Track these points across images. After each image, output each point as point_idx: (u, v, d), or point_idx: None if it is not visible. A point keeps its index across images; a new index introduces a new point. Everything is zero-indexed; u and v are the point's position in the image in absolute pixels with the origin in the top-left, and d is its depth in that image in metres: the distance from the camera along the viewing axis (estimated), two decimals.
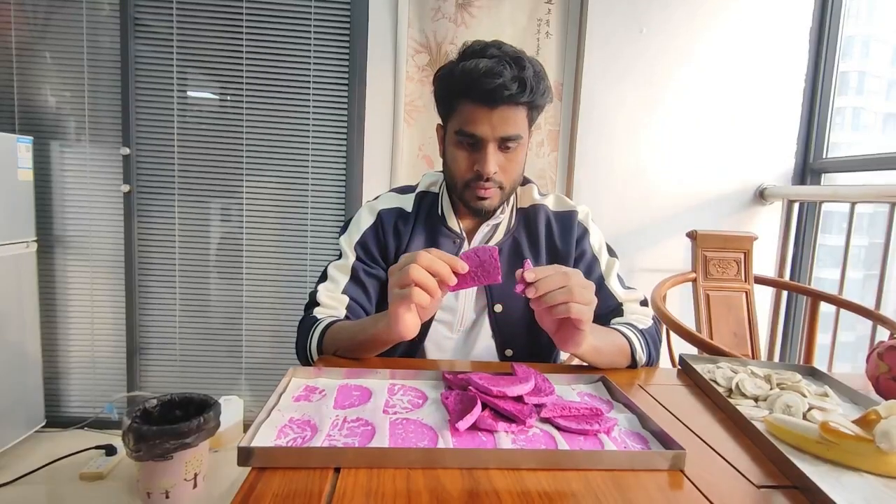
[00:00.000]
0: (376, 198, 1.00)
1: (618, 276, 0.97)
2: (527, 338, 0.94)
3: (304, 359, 0.85)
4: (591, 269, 0.96)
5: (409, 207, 0.97)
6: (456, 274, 0.67)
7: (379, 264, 0.95)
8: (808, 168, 2.10)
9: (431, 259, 0.66)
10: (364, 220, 0.96)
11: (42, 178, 2.01)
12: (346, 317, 0.90)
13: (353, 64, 2.02)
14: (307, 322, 0.87)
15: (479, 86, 0.79)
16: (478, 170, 0.84)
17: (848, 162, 2.00)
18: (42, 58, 1.99)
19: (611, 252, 1.00)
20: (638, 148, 2.04)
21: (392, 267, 0.71)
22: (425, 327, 0.92)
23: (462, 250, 0.93)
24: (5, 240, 1.83)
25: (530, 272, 0.67)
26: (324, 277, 0.94)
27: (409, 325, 0.70)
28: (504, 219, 0.95)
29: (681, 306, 1.90)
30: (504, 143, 0.84)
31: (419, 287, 0.66)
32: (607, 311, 0.92)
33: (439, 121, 0.93)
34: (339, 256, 0.96)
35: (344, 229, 0.99)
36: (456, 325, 0.94)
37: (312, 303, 0.90)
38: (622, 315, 0.92)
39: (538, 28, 2.00)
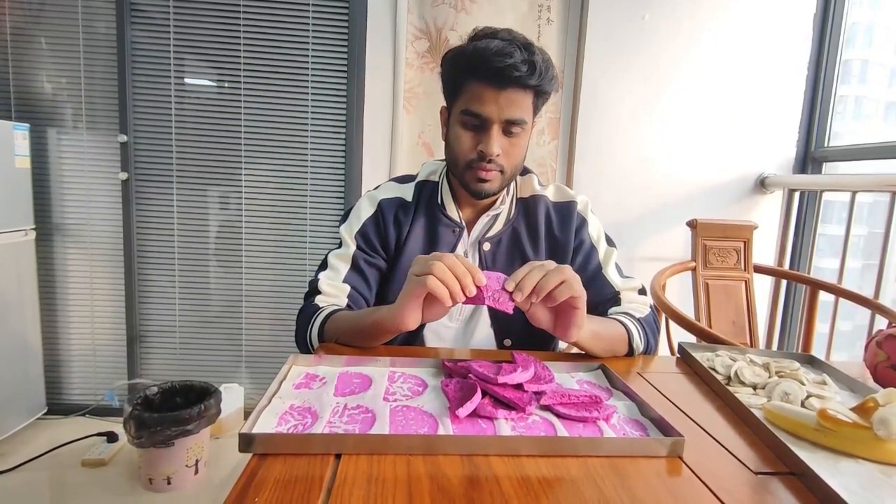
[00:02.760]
0: (376, 187, 1.00)
1: (616, 265, 0.97)
2: (525, 327, 0.93)
3: (305, 346, 0.85)
4: (589, 258, 0.96)
5: (409, 197, 0.96)
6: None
7: (379, 254, 0.95)
8: (810, 157, 2.09)
9: (455, 262, 0.67)
10: (364, 210, 0.96)
11: (39, 165, 2.00)
12: (348, 306, 0.90)
13: (351, 50, 2.00)
14: (308, 310, 0.87)
15: (490, 64, 0.79)
16: (481, 150, 0.84)
17: (849, 151, 1.99)
18: (37, 43, 1.96)
19: (609, 241, 1.00)
20: (639, 136, 2.03)
21: (419, 256, 0.71)
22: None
23: (461, 240, 0.94)
24: (3, 228, 1.83)
25: (509, 281, 0.68)
26: (324, 266, 0.94)
27: (413, 315, 0.72)
28: (504, 209, 0.95)
29: (680, 295, 1.90)
30: (509, 127, 0.84)
31: (440, 281, 0.66)
32: (604, 300, 0.92)
33: (441, 106, 0.93)
34: (340, 246, 0.96)
35: (344, 219, 0.98)
36: (455, 314, 0.94)
37: (313, 291, 0.90)
38: (619, 304, 0.92)
39: (539, 14, 1.98)
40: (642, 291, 0.96)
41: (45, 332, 2.06)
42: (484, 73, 0.81)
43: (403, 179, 1.00)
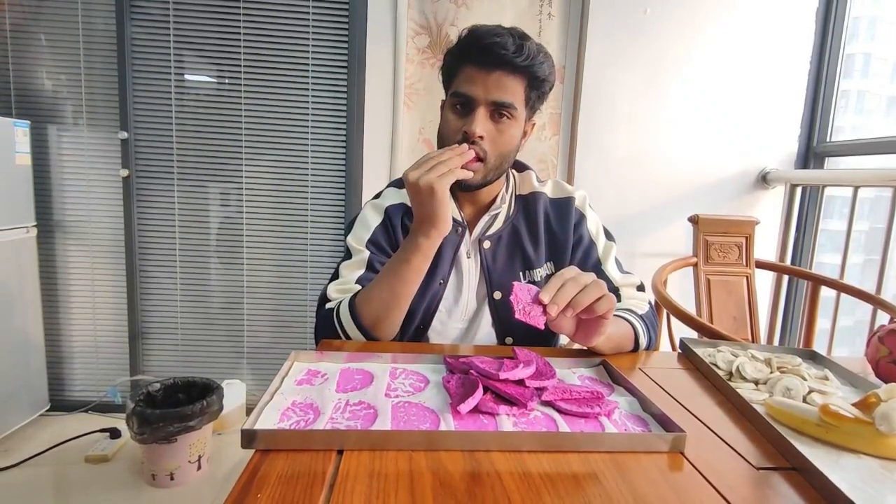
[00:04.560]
0: (378, 195, 0.99)
1: (615, 259, 0.97)
2: (527, 328, 0.93)
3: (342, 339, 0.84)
4: (588, 253, 0.96)
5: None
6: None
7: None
8: (812, 152, 2.08)
9: (441, 153, 0.78)
10: (372, 219, 0.95)
11: (40, 162, 2.00)
12: None
13: (352, 45, 1.99)
14: (324, 314, 0.85)
15: (479, 43, 0.80)
16: (465, 130, 0.82)
17: (851, 146, 1.98)
18: (37, 40, 1.96)
19: (608, 236, 0.99)
20: (640, 131, 2.02)
21: (406, 171, 0.78)
22: (430, 317, 0.92)
23: (464, 240, 0.93)
24: (5, 225, 1.83)
25: (543, 293, 0.66)
26: (335, 277, 0.92)
27: (449, 212, 0.79)
28: (504, 208, 0.94)
29: (681, 290, 1.90)
30: (497, 111, 0.83)
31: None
32: None
33: (441, 100, 0.92)
34: (349, 256, 0.93)
35: (348, 230, 0.97)
36: (460, 314, 0.94)
37: (324, 300, 0.89)
38: (619, 300, 0.92)
39: (540, 9, 1.97)
40: (640, 288, 0.96)
41: (47, 329, 2.07)
42: (474, 53, 0.81)
43: (402, 184, 0.99)
